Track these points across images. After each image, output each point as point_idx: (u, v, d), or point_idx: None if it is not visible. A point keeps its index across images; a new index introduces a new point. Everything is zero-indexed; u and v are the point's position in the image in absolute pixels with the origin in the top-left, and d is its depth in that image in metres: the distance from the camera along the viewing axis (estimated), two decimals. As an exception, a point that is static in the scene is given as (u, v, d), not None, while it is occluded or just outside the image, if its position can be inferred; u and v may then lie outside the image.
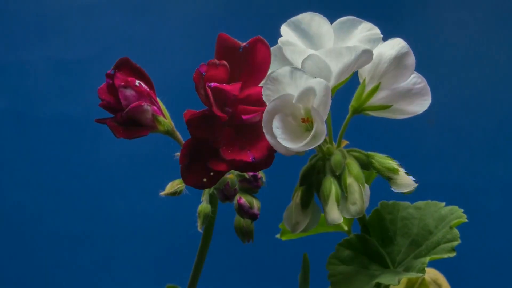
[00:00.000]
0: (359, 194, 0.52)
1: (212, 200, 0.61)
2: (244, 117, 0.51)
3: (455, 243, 0.55)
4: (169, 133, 0.57)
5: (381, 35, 0.53)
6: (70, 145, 1.37)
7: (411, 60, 0.53)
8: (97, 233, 1.35)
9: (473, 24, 1.38)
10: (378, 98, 0.54)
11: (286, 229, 0.70)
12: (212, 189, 0.60)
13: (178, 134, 0.58)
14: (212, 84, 0.51)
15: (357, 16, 0.53)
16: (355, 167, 0.53)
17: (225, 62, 0.52)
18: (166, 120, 0.57)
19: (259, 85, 0.53)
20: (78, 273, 1.34)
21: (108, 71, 0.56)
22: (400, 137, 1.30)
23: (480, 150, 1.34)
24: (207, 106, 0.52)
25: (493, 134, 1.35)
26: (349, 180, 0.53)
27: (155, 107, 0.56)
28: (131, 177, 1.36)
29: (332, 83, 0.51)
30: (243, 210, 0.59)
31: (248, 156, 0.50)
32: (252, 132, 0.52)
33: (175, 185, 0.59)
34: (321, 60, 0.50)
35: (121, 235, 1.35)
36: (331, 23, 0.54)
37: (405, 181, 0.54)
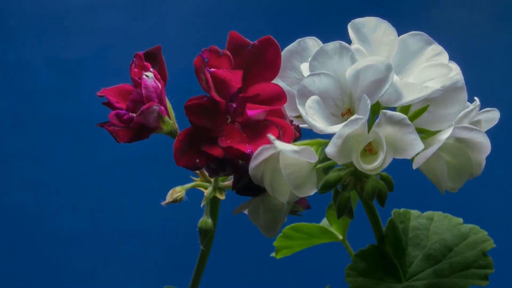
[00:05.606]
0: None
1: (212, 209, 0.60)
2: (249, 112, 0.51)
3: (489, 272, 0.54)
4: (172, 134, 0.56)
5: (453, 75, 0.51)
6: (70, 145, 1.36)
7: (464, 95, 0.52)
8: (97, 233, 1.35)
9: (473, 24, 1.38)
10: (423, 121, 0.51)
11: (281, 247, 0.69)
12: (212, 193, 0.59)
13: (181, 135, 0.57)
14: (212, 69, 0.50)
15: (357, 15, 0.52)
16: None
17: (228, 53, 0.52)
18: (171, 121, 0.56)
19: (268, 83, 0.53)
20: (78, 273, 1.34)
21: (140, 52, 0.56)
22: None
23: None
24: (206, 91, 0.51)
25: (493, 134, 1.34)
26: None
27: (162, 107, 0.55)
28: (131, 177, 1.36)
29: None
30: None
31: (246, 148, 0.50)
32: (255, 130, 0.51)
33: (176, 192, 0.58)
34: (395, 86, 0.48)
35: (121, 236, 1.35)
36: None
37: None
